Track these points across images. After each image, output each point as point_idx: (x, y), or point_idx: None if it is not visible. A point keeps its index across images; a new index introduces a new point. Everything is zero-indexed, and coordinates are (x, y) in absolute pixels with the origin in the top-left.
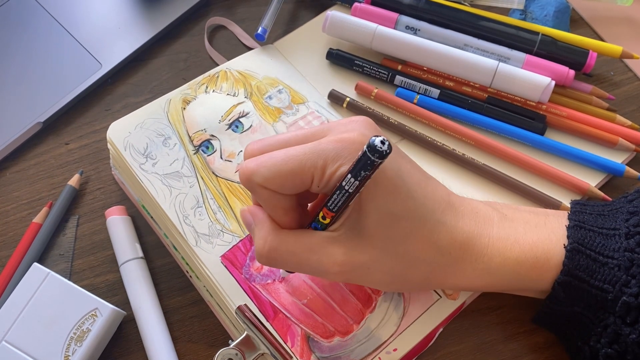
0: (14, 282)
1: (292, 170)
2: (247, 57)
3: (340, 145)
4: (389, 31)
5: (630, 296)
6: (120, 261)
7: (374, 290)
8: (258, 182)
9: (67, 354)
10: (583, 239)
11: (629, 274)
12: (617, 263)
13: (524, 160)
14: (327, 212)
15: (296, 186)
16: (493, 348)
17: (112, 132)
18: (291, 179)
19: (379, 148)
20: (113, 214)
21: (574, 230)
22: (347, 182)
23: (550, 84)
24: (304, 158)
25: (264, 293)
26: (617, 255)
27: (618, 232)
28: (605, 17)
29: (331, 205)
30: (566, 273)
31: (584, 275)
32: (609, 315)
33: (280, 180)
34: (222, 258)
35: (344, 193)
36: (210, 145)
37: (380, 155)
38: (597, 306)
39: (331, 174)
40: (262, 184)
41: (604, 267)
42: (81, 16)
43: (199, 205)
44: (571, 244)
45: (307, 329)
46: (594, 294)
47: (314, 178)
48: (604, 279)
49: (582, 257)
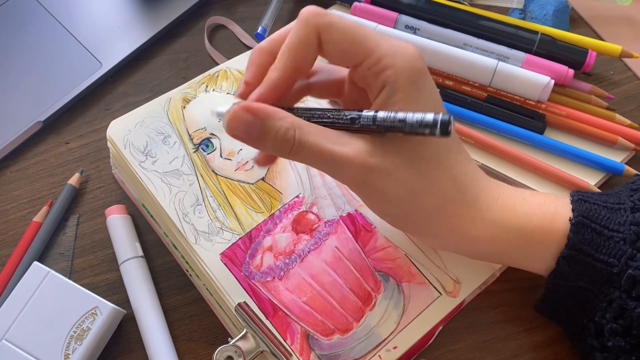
0: (14, 280)
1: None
2: (247, 56)
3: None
4: (388, 30)
5: (636, 269)
6: (120, 260)
7: (373, 287)
8: (322, 24)
9: (67, 353)
10: (588, 212)
11: (635, 247)
12: (622, 237)
13: (524, 159)
14: None
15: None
16: (493, 346)
17: (112, 130)
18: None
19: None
20: (113, 213)
21: (579, 203)
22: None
23: (550, 83)
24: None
25: (264, 291)
26: (623, 228)
27: (623, 206)
28: (604, 17)
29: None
30: (571, 247)
31: (588, 249)
32: (614, 289)
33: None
34: (221, 256)
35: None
36: (210, 144)
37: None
38: (602, 281)
39: (382, 68)
40: (323, 27)
41: (610, 241)
42: (81, 16)
43: (199, 203)
44: (576, 217)
45: (307, 327)
46: (599, 268)
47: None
48: (609, 253)
49: (587, 231)
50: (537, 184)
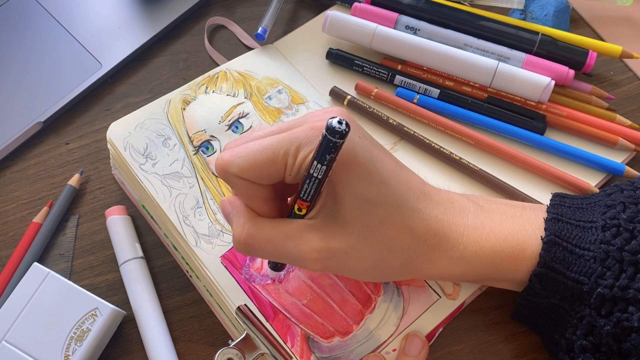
0: (14, 281)
1: (266, 159)
2: (247, 57)
3: (312, 132)
4: (388, 31)
5: (605, 288)
6: (120, 261)
7: (373, 290)
8: (234, 173)
9: (67, 354)
10: (560, 232)
11: (604, 265)
12: (593, 255)
13: (524, 160)
14: (301, 202)
15: (271, 175)
16: (493, 348)
17: (112, 132)
18: (266, 168)
19: (338, 128)
20: (113, 214)
21: (552, 222)
22: (314, 168)
23: (550, 84)
24: (278, 146)
25: (264, 293)
26: (593, 247)
27: (595, 224)
28: (605, 17)
29: (304, 195)
30: (542, 265)
31: (560, 267)
32: (585, 307)
33: (255, 169)
34: (222, 258)
35: (313, 180)
36: (210, 146)
37: (340, 135)
38: (573, 298)
39: (302, 160)
40: (238, 175)
41: (580, 259)
42: (81, 16)
43: (199, 206)
44: (548, 236)
45: (307, 329)
46: (570, 286)
47: (287, 166)
48: (579, 271)
49: (559, 249)
50: (537, 185)
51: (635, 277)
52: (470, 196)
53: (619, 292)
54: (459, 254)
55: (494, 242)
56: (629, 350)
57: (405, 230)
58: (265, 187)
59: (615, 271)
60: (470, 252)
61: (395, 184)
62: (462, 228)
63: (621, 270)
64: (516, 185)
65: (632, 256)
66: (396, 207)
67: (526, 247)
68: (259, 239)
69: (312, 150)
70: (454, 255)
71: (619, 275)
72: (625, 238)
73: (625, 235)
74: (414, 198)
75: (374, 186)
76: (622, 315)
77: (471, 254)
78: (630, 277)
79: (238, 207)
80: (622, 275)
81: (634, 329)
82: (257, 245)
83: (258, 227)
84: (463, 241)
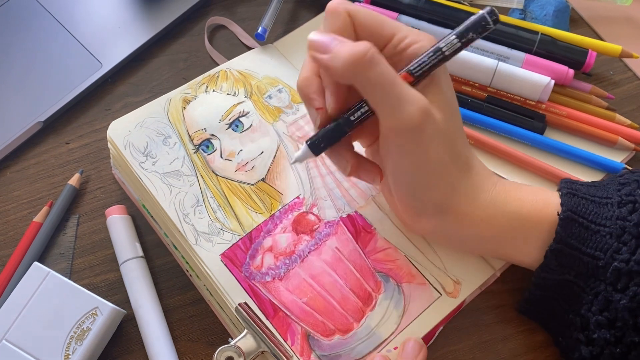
0: (14, 281)
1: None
2: (247, 57)
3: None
4: None
5: (621, 262)
6: (121, 260)
7: (374, 288)
8: (353, 7)
9: (68, 353)
10: (576, 207)
11: (621, 241)
12: (609, 231)
13: (524, 160)
14: (408, 76)
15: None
16: (493, 347)
17: (112, 131)
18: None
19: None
20: (113, 213)
21: (567, 197)
22: (447, 44)
23: (550, 83)
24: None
25: (264, 291)
26: (609, 223)
27: (610, 200)
28: (604, 17)
29: (416, 70)
30: (559, 241)
31: (576, 242)
32: (600, 282)
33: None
34: (222, 256)
35: (438, 55)
36: (210, 145)
37: (495, 21)
38: (588, 274)
39: (408, 43)
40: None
41: (596, 235)
42: (81, 16)
43: (199, 204)
44: (565, 212)
45: (307, 327)
46: (586, 262)
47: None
48: (595, 247)
49: (575, 225)
50: (537, 184)
51: None
52: None
53: (636, 266)
54: (490, 197)
55: (521, 195)
56: None
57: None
58: None
59: (631, 246)
60: (500, 199)
61: None
62: (496, 178)
63: (637, 245)
64: None
65: None
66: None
67: (548, 205)
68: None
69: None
70: (486, 198)
71: (635, 250)
72: None
73: None
74: None
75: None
76: (639, 289)
77: (500, 200)
78: None
79: None
80: (638, 250)
81: None
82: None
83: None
84: (496, 189)
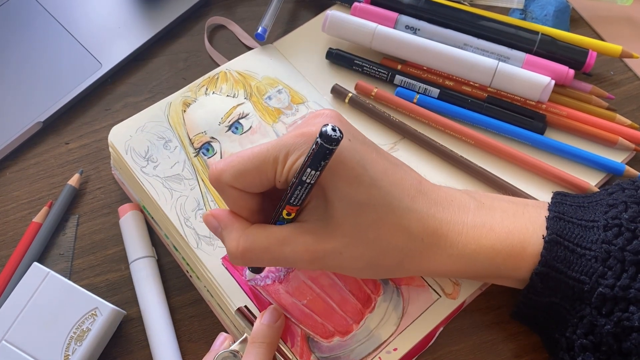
0: (14, 281)
1: (257, 166)
2: (247, 57)
3: (301, 138)
4: (388, 31)
5: (606, 287)
6: (131, 258)
7: (373, 289)
8: (227, 182)
9: (67, 354)
10: (562, 230)
11: (606, 265)
12: (594, 254)
13: (524, 160)
14: (291, 207)
15: (262, 182)
16: (493, 347)
17: (113, 135)
18: (257, 174)
19: (333, 136)
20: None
21: (554, 221)
22: (306, 175)
23: (550, 84)
24: (267, 153)
25: (264, 294)
26: (595, 247)
27: (596, 224)
28: (605, 17)
29: (294, 201)
30: (544, 264)
31: (561, 266)
32: (585, 306)
33: (247, 177)
34: (223, 260)
35: (305, 186)
36: (210, 148)
37: (336, 142)
38: (573, 297)
39: (291, 165)
40: (230, 184)
41: (582, 259)
42: (81, 16)
43: (200, 208)
44: (550, 235)
45: (307, 329)
46: (571, 285)
47: (276, 172)
48: (581, 270)
49: (560, 249)
50: (537, 185)
51: (636, 277)
52: (472, 192)
53: (620, 292)
54: (458, 252)
55: (495, 240)
56: (629, 349)
57: (400, 229)
58: (255, 196)
59: (616, 271)
60: (470, 250)
61: (386, 184)
62: (461, 226)
63: (622, 270)
64: (516, 185)
65: (634, 256)
66: (389, 207)
67: (527, 245)
68: (256, 250)
69: (299, 155)
70: (453, 254)
71: (620, 275)
72: (627, 238)
73: (627, 235)
74: (408, 197)
75: (363, 188)
76: (623, 315)
77: (471, 252)
78: (631, 277)
79: (226, 220)
80: (623, 275)
81: (634, 328)
82: (254, 256)
83: (253, 239)
84: (462, 239)
